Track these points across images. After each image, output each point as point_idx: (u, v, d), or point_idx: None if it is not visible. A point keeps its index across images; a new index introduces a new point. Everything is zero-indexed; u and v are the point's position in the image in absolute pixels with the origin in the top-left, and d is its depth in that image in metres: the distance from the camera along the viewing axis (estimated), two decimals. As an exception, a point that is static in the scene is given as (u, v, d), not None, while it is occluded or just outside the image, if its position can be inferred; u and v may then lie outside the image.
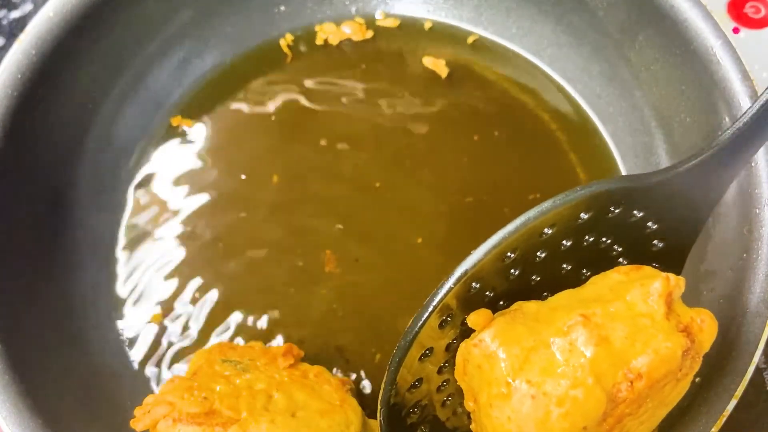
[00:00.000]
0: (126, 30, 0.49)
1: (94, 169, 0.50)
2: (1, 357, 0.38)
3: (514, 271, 0.34)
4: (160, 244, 0.50)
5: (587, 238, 0.35)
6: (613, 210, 0.34)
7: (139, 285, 0.49)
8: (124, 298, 0.49)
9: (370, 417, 0.40)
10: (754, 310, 0.37)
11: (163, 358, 0.47)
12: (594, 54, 0.52)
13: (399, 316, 0.46)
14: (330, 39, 0.56)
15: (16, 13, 0.62)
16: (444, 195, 0.50)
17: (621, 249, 0.36)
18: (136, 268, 0.50)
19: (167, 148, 0.53)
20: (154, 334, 0.48)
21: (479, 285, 0.33)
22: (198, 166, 0.52)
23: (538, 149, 0.52)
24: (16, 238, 0.44)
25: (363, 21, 0.56)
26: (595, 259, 0.35)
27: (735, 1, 0.57)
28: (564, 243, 0.34)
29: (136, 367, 0.47)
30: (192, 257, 0.49)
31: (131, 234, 0.51)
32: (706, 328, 0.31)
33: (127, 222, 0.51)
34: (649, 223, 0.35)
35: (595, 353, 0.29)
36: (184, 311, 0.48)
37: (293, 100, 0.54)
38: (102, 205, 0.50)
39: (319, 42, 0.56)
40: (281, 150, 0.52)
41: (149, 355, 0.47)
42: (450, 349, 0.35)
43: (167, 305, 0.48)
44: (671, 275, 0.31)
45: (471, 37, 0.56)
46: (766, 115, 0.33)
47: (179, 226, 0.51)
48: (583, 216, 0.34)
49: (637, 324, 0.30)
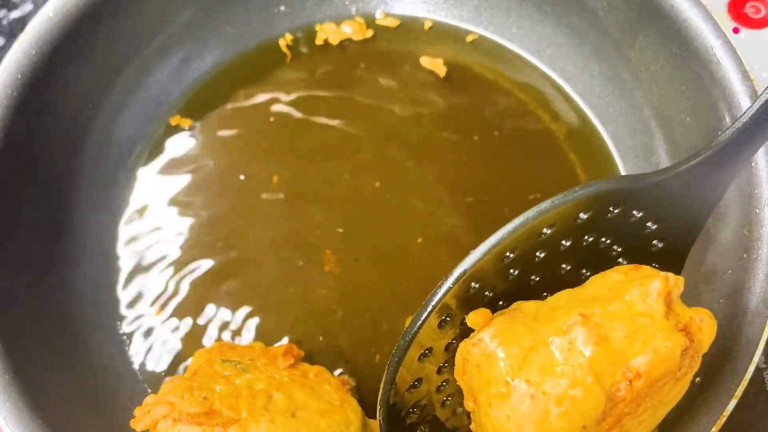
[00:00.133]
0: (126, 30, 0.49)
1: (94, 168, 0.50)
2: (1, 357, 0.38)
3: (513, 270, 0.34)
4: (159, 244, 0.50)
5: (586, 238, 0.35)
6: (612, 210, 0.34)
7: (139, 285, 0.49)
8: (124, 298, 0.49)
9: (370, 417, 0.40)
10: (754, 310, 0.37)
11: (163, 357, 0.47)
12: (594, 54, 0.52)
13: (399, 316, 0.47)
14: (330, 39, 0.56)
15: (16, 13, 0.62)
16: (444, 195, 0.50)
17: (620, 249, 0.36)
18: (136, 268, 0.50)
19: (167, 148, 0.53)
20: (154, 334, 0.48)
21: (478, 285, 0.33)
22: (198, 166, 0.52)
23: (538, 149, 0.52)
24: (17, 238, 0.44)
25: (363, 21, 0.56)
26: (594, 259, 0.35)
27: (735, 1, 0.57)
28: (563, 243, 0.34)
29: (136, 367, 0.47)
30: (192, 257, 0.50)
31: (131, 234, 0.51)
32: (705, 327, 0.31)
33: (127, 222, 0.51)
34: (649, 223, 0.35)
35: (594, 352, 0.29)
36: (185, 311, 0.48)
37: (293, 100, 0.54)
38: (102, 205, 0.51)
39: (319, 42, 0.56)
40: (281, 150, 0.53)
41: (149, 355, 0.47)
42: (449, 348, 0.35)
43: (167, 305, 0.48)
44: (670, 275, 0.31)
45: (470, 37, 0.56)
46: (766, 116, 0.33)
47: (179, 226, 0.51)
48: (583, 216, 0.34)
49: (636, 323, 0.30)
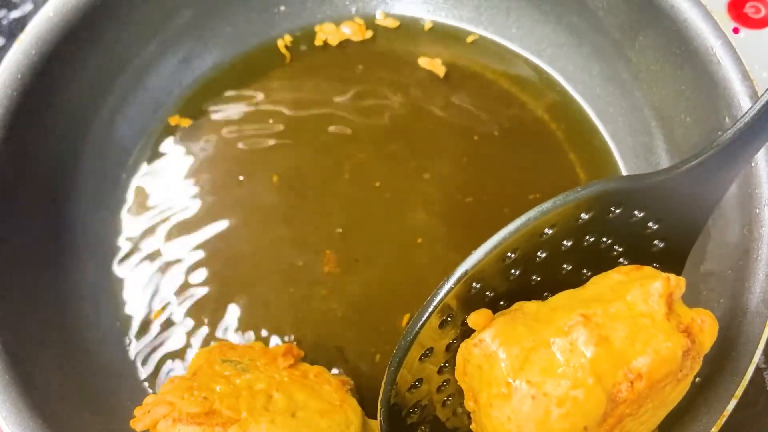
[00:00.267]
0: (126, 30, 0.49)
1: (94, 168, 0.50)
2: (1, 357, 0.38)
3: (514, 271, 0.34)
4: (159, 244, 0.50)
5: (588, 239, 0.35)
6: (613, 210, 0.34)
7: (139, 284, 0.49)
8: (124, 298, 0.49)
9: (370, 417, 0.40)
10: (754, 310, 0.37)
11: (163, 357, 0.47)
12: (594, 54, 0.52)
13: (399, 316, 0.47)
14: (329, 39, 0.56)
15: (16, 13, 0.62)
16: (444, 195, 0.50)
17: (621, 249, 0.36)
18: (136, 268, 0.50)
19: (167, 148, 0.53)
20: (154, 334, 0.48)
21: (480, 285, 0.33)
22: (197, 166, 0.52)
23: (538, 149, 0.52)
24: (17, 238, 0.44)
25: (362, 21, 0.56)
26: (595, 259, 0.35)
27: (735, 1, 0.57)
28: (564, 243, 0.34)
29: (136, 367, 0.47)
30: (192, 257, 0.49)
31: (131, 233, 0.51)
32: (707, 328, 0.31)
33: (127, 221, 0.51)
34: (650, 224, 0.35)
35: (596, 353, 0.29)
36: (185, 311, 0.48)
37: (293, 100, 0.54)
38: (102, 205, 0.50)
39: (318, 42, 0.56)
40: (281, 150, 0.52)
41: (149, 354, 0.47)
42: (450, 349, 0.35)
43: (167, 305, 0.48)
44: (672, 275, 0.31)
45: (471, 37, 0.56)
46: (767, 116, 0.33)
47: (179, 226, 0.51)
48: (584, 216, 0.34)
49: (637, 324, 0.30)
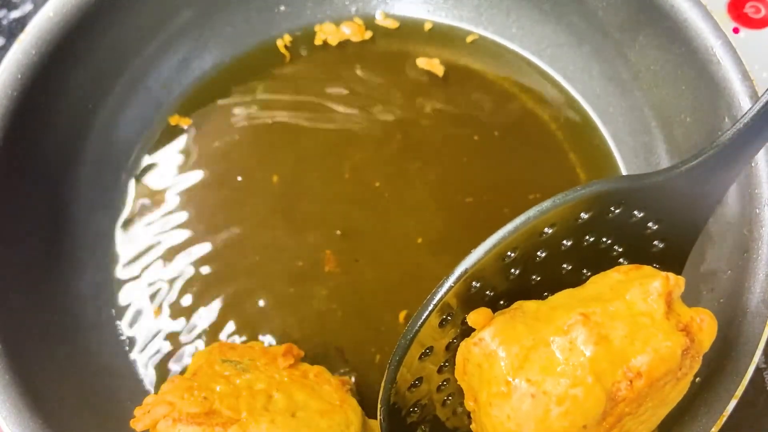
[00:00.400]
0: (126, 30, 0.49)
1: (94, 168, 0.50)
2: (1, 357, 0.38)
3: (514, 270, 0.34)
4: (159, 243, 0.50)
5: (587, 238, 0.35)
6: (613, 210, 0.34)
7: (139, 285, 0.49)
8: (124, 298, 0.49)
9: (370, 417, 0.40)
10: (754, 310, 0.37)
11: (163, 357, 0.47)
12: (594, 54, 0.52)
13: (399, 316, 0.47)
14: (329, 39, 0.56)
15: (16, 13, 0.62)
16: (444, 195, 0.50)
17: (621, 249, 0.36)
18: (135, 268, 0.50)
19: (167, 148, 0.53)
20: (154, 334, 0.48)
21: (479, 284, 0.33)
22: (198, 166, 0.52)
23: (538, 149, 0.52)
24: (17, 238, 0.44)
25: (362, 22, 0.56)
26: (595, 259, 0.35)
27: (735, 1, 0.57)
28: (564, 243, 0.34)
29: (136, 367, 0.47)
30: (192, 257, 0.49)
31: (131, 234, 0.51)
32: (706, 327, 0.31)
33: (127, 221, 0.51)
34: (650, 224, 0.35)
35: (595, 352, 0.29)
36: (184, 311, 0.48)
37: (292, 101, 0.54)
38: (102, 205, 0.50)
39: (318, 42, 0.56)
40: (281, 150, 0.52)
41: (149, 354, 0.47)
42: (450, 348, 0.35)
43: (167, 305, 0.48)
44: (671, 275, 0.31)
45: (470, 37, 0.56)
46: (767, 116, 0.34)
47: (179, 226, 0.51)
48: (584, 216, 0.34)
49: (636, 323, 0.30)
